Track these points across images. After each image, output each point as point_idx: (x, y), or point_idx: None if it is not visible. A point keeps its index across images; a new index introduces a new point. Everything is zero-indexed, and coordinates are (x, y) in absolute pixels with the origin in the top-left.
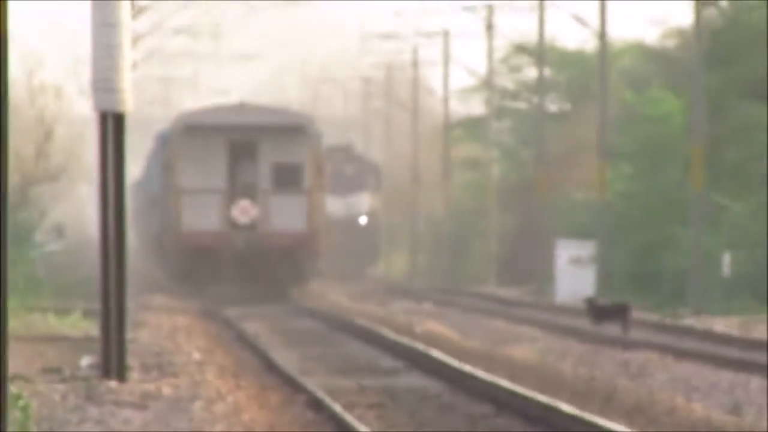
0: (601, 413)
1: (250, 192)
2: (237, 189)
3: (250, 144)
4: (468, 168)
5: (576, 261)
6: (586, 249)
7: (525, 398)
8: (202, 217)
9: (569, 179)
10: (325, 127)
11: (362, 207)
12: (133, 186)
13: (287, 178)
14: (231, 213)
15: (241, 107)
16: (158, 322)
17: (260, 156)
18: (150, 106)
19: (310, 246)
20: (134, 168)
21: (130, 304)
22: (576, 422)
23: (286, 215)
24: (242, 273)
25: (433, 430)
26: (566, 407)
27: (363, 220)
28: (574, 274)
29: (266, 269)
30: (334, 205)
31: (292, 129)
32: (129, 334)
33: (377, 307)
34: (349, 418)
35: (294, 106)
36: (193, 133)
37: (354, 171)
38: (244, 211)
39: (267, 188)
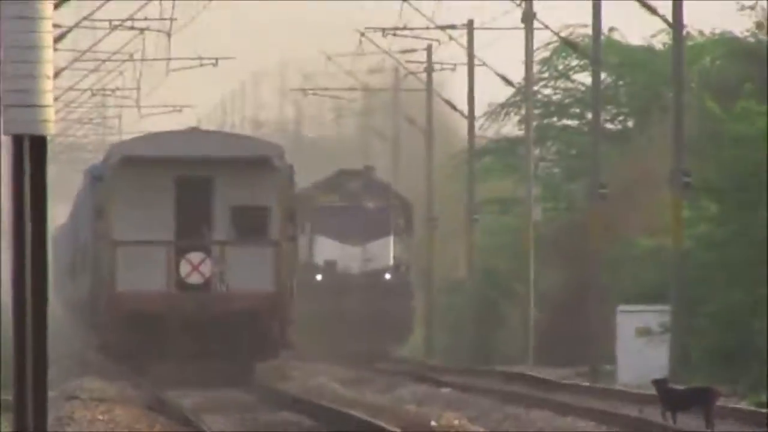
0: None
1: (203, 243)
2: (187, 240)
3: (203, 182)
4: (499, 208)
5: (644, 333)
6: (656, 317)
7: None
8: (142, 275)
9: (633, 222)
10: (310, 153)
11: (386, 258)
12: (58, 234)
13: (250, 226)
14: (179, 270)
15: (193, 134)
16: (90, 417)
17: (216, 197)
18: (80, 127)
19: (278, 310)
20: (61, 210)
21: (53, 392)
22: None
23: (248, 272)
24: (194, 345)
25: None
26: None
27: (388, 276)
28: (641, 349)
29: (224, 340)
30: (348, 256)
31: (256, 162)
32: None
33: (380, 394)
34: None
35: (270, 124)
36: (131, 167)
37: (375, 207)
38: (195, 267)
39: (225, 238)
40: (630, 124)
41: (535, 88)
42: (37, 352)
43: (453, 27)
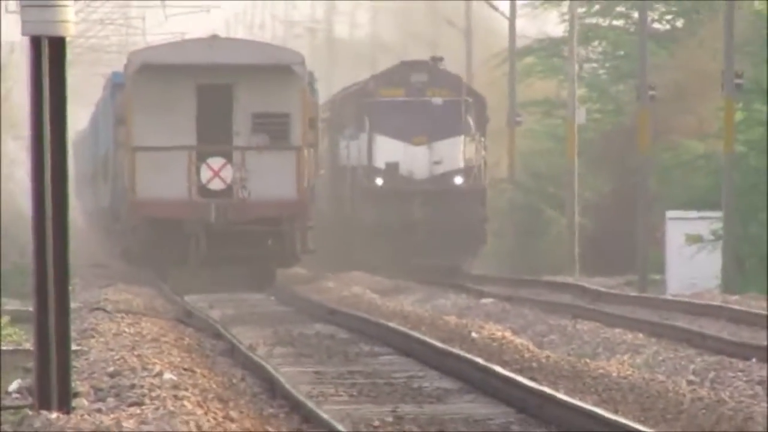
0: None
1: (225, 150)
2: (207, 146)
3: (223, 89)
4: (542, 111)
5: (694, 240)
6: (708, 224)
7: None
8: (163, 181)
9: (683, 125)
10: (342, 55)
11: (457, 160)
12: (79, 140)
13: (271, 132)
14: (200, 176)
15: (213, 42)
16: (115, 329)
17: (237, 104)
18: (102, 28)
19: (300, 217)
20: (83, 115)
21: (76, 303)
22: None
23: (270, 178)
24: (215, 252)
25: None
26: None
27: (458, 180)
28: (691, 258)
29: (246, 247)
30: (412, 159)
31: (276, 69)
32: (75, 347)
33: (418, 306)
34: None
35: (301, 24)
36: (151, 75)
37: (444, 102)
38: (216, 173)
39: (245, 144)
40: (679, 24)
41: None
42: (58, 261)
43: None
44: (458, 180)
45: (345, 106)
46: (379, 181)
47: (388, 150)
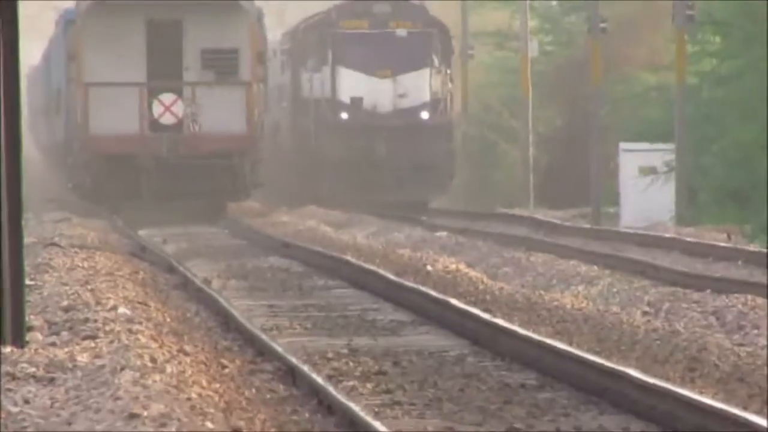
0: (686, 382)
1: (175, 85)
2: (158, 81)
3: (173, 25)
4: (494, 43)
5: (648, 172)
6: (661, 155)
7: (581, 363)
8: (115, 117)
9: (635, 57)
10: None
11: (423, 94)
12: (33, 76)
13: (220, 67)
14: (151, 111)
15: None
16: (69, 264)
17: (186, 40)
18: None
19: (250, 151)
20: (36, 51)
21: (30, 238)
22: (649, 394)
23: (220, 113)
24: (166, 186)
25: (457, 410)
26: (638, 375)
27: (425, 115)
28: (645, 190)
29: (197, 181)
30: (377, 92)
31: (225, 5)
32: (29, 281)
33: (372, 239)
34: (335, 394)
35: None
36: (102, 11)
37: (409, 33)
38: (167, 107)
39: (195, 80)
40: None
41: None
42: (11, 196)
43: None
44: (424, 114)
45: (307, 38)
46: (344, 116)
47: (351, 83)
